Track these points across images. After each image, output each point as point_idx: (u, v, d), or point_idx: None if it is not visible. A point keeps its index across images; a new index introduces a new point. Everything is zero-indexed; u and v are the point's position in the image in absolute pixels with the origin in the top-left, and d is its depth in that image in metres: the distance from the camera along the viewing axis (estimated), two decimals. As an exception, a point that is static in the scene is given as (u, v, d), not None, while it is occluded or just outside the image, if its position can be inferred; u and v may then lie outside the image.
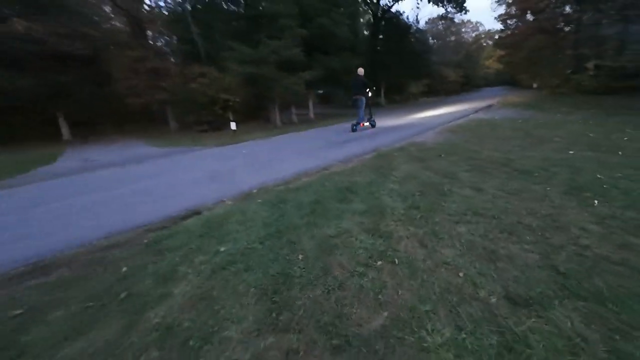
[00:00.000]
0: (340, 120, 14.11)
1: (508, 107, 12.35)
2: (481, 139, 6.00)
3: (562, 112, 9.76)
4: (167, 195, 4.14)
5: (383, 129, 8.98)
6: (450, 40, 52.88)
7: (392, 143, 6.48)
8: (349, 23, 13.34)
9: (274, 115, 14.73)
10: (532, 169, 3.80)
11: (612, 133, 5.78)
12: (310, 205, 3.10)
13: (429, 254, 2.05)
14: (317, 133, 10.10)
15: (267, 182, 4.25)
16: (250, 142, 9.21)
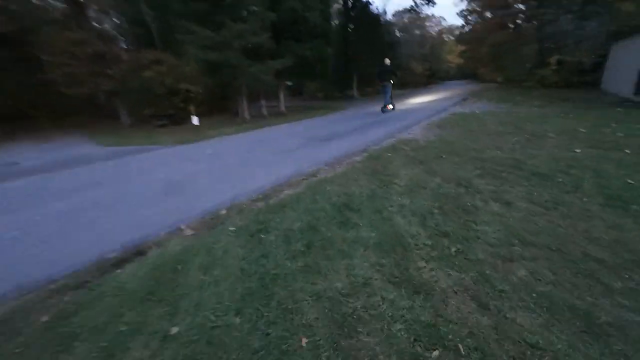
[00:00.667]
0: (316, 113, 13.25)
1: (483, 101, 12.35)
2: (475, 135, 5.55)
3: (536, 105, 9.81)
4: (101, 220, 3.05)
5: (368, 124, 8.32)
6: (416, 34, 53.85)
7: (380, 140, 5.83)
8: (321, 8, 12.37)
9: (242, 107, 13.45)
10: (549, 172, 3.33)
11: (599, 127, 5.62)
12: (303, 234, 2.29)
13: (498, 324, 1.37)
14: (292, 128, 9.18)
15: (240, 195, 3.35)
16: (217, 140, 8.06)
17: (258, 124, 10.74)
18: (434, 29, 60.07)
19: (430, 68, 48.21)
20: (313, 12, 11.80)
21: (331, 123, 9.24)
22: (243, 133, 8.93)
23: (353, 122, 8.80)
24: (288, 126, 9.74)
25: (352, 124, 8.50)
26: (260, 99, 14.71)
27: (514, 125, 6.31)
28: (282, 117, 13.03)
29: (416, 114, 9.39)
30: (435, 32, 58.92)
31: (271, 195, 3.25)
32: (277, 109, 15.31)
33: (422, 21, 54.41)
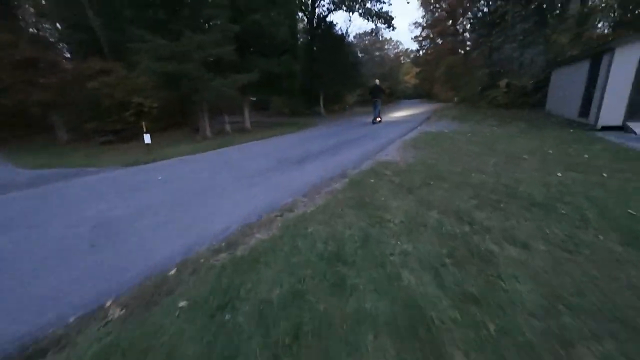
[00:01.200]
0: (284, 130, 12.69)
1: (445, 119, 12.80)
2: (452, 156, 5.39)
3: (494, 125, 10.30)
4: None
5: (341, 143, 7.93)
6: (376, 55, 56.90)
7: (357, 162, 5.42)
8: (288, 24, 12.10)
9: (203, 123, 12.43)
10: (547, 201, 3.09)
11: (563, 148, 5.80)
12: (286, 310, 1.65)
13: None
14: (260, 147, 8.48)
15: (197, 243, 2.60)
16: (172, 161, 7.07)
17: (221, 142, 9.85)
18: (392, 51, 63.92)
19: (390, 87, 51.22)
20: (280, 28, 11.45)
21: (302, 141, 8.73)
22: (203, 153, 8.02)
23: (325, 141, 8.38)
24: (255, 145, 9.01)
25: (324, 142, 8.07)
26: (224, 114, 13.81)
27: (486, 146, 6.32)
28: (248, 134, 12.26)
29: (387, 133, 9.29)
30: (393, 54, 62.77)
31: (238, 241, 2.55)
32: (242, 125, 14.48)
33: (381, 44, 57.70)
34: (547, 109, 13.09)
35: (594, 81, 8.28)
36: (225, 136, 12.45)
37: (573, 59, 10.27)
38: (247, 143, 9.55)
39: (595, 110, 7.87)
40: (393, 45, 64.16)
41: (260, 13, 10.76)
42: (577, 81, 9.36)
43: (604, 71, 7.62)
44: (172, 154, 7.94)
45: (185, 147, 9.47)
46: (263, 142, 9.62)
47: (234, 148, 8.60)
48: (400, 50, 63.14)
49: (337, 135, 9.54)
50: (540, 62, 16.55)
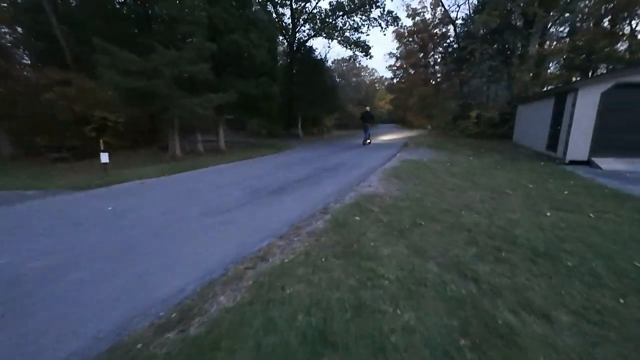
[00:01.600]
0: (260, 152, 12.18)
1: (422, 147, 13.02)
2: (437, 190, 5.17)
3: (469, 155, 10.53)
4: None
5: (321, 170, 7.55)
6: (353, 80, 59.24)
7: (339, 192, 5.03)
8: (268, 46, 11.97)
9: (172, 142, 11.61)
10: (548, 249, 2.83)
11: (542, 183, 5.83)
12: None
13: None
14: (233, 172, 7.88)
15: (135, 318, 1.97)
16: (131, 186, 6.26)
17: (190, 164, 9.11)
18: (368, 78, 66.95)
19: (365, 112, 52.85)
20: (259, 49, 11.26)
21: (278, 167, 8.26)
22: (169, 176, 7.26)
23: (304, 167, 7.98)
24: (228, 169, 8.39)
25: (303, 169, 7.65)
26: (197, 133, 13.07)
27: (467, 179, 6.23)
28: (221, 156, 11.58)
29: (368, 160, 9.11)
30: (369, 80, 65.71)
31: (194, 311, 1.97)
32: (216, 145, 13.78)
33: (358, 70, 60.37)
34: (514, 140, 13.81)
35: (559, 118, 8.76)
36: (196, 157, 11.67)
37: (538, 96, 10.98)
38: (220, 165, 8.90)
39: (563, 145, 8.25)
40: (369, 72, 67.22)
41: (238, 33, 10.51)
42: (543, 117, 9.91)
43: (569, 109, 8.07)
44: (133, 176, 7.09)
45: (150, 168, 8.62)
46: (236, 165, 9.02)
47: (204, 172, 7.92)
48: (375, 77, 66.32)
49: (316, 161, 9.20)
50: (506, 97, 17.78)
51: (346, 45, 25.96)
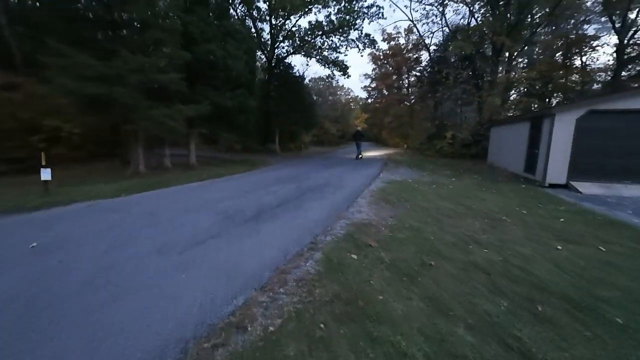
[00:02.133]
0: (235, 169, 11.32)
1: (402, 167, 12.90)
2: (433, 216, 4.74)
3: (450, 175, 10.50)
4: None
5: (303, 191, 6.91)
6: (329, 99, 60.39)
7: (327, 219, 4.42)
8: (245, 58, 11.43)
9: (136, 156, 10.43)
10: (583, 298, 2.40)
11: (532, 208, 5.63)
12: None
13: None
14: (203, 192, 7.01)
15: None
16: (75, 209, 5.20)
17: (155, 181, 8.08)
18: (344, 97, 68.65)
19: (342, 129, 54.78)
20: (236, 61, 10.67)
21: (256, 187, 7.50)
22: (127, 196, 6.24)
23: (283, 186, 7.30)
24: (197, 188, 7.48)
25: (282, 190, 6.96)
26: (165, 146, 11.96)
27: (458, 202, 5.92)
28: (191, 172, 10.58)
29: (351, 180, 8.63)
30: (345, 100, 67.35)
31: None
32: (186, 160, 12.70)
33: (334, 89, 61.72)
34: (489, 161, 14.18)
35: (536, 141, 8.96)
36: (163, 173, 10.56)
37: (513, 119, 11.35)
38: (188, 184, 7.96)
39: (542, 169, 8.35)
40: (345, 91, 69.03)
41: (215, 43, 9.90)
42: (519, 140, 10.16)
43: (547, 134, 8.25)
44: (82, 197, 5.98)
45: (107, 186, 7.48)
46: (208, 184, 8.13)
47: (169, 192, 6.96)
48: (351, 96, 68.23)
49: (296, 180, 8.57)
50: (475, 118, 18.56)
51: (324, 63, 26.19)
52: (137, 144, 10.27)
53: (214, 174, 9.82)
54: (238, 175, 10.05)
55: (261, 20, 20.61)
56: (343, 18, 21.48)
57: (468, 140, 17.63)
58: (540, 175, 8.50)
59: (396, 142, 40.23)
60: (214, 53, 9.90)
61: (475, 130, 17.95)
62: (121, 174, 10.36)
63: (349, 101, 66.80)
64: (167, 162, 11.78)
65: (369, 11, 22.33)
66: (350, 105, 66.00)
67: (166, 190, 7.13)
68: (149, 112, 8.54)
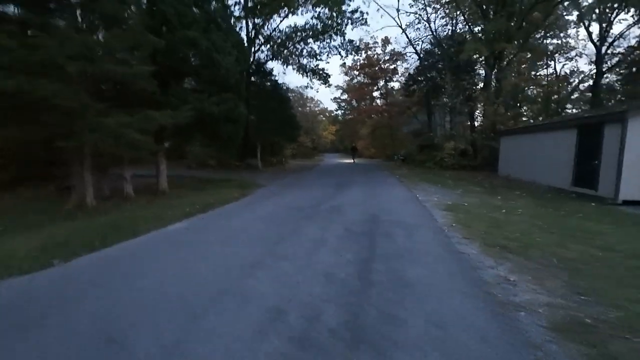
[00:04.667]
0: (222, 193, 8.64)
1: (419, 182, 11.21)
2: (591, 275, 2.82)
3: (486, 192, 8.99)
4: None
5: (359, 233, 4.63)
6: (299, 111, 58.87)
7: (492, 320, 2.26)
8: (236, 55, 9.01)
9: (81, 182, 7.35)
10: None
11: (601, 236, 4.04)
12: None
13: None
14: (199, 250, 4.42)
15: None
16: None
17: (111, 223, 5.24)
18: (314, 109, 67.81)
19: (314, 141, 53.73)
20: (225, 56, 8.25)
21: (278, 228, 5.05)
22: (59, 265, 3.46)
23: (322, 230, 4.93)
24: (186, 237, 4.81)
25: (326, 235, 4.61)
26: (124, 167, 8.88)
27: (590, 244, 4.12)
28: (165, 203, 7.73)
29: (396, 206, 6.52)
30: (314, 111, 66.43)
31: None
32: (155, 183, 9.69)
33: (305, 101, 60.46)
34: (502, 173, 13.09)
35: (590, 151, 7.76)
36: (122, 204, 7.59)
37: (541, 127, 10.25)
38: (168, 227, 5.26)
39: (611, 183, 7.06)
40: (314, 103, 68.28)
41: (196, 31, 7.43)
42: (560, 149, 8.97)
43: (613, 142, 7.02)
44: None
45: (23, 238, 4.52)
46: (198, 226, 5.49)
47: (139, 250, 4.24)
48: (320, 108, 67.63)
49: (325, 211, 6.27)
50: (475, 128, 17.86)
51: (303, 72, 24.35)
52: (84, 164, 7.23)
53: (199, 205, 7.12)
54: (233, 205, 7.46)
55: (239, 19, 18.22)
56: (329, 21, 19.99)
57: (469, 151, 16.71)
58: (607, 190, 7.19)
59: (371, 153, 39.43)
60: (196, 43, 7.40)
61: (474, 140, 17.14)
62: (58, 206, 7.22)
63: (318, 113, 66.02)
64: (127, 187, 8.72)
65: (353, 16, 21.20)
66: (319, 118, 65.22)
67: (133, 245, 4.40)
68: (101, 119, 5.75)
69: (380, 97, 37.17)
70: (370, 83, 37.06)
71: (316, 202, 7.37)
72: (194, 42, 7.43)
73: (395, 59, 33.09)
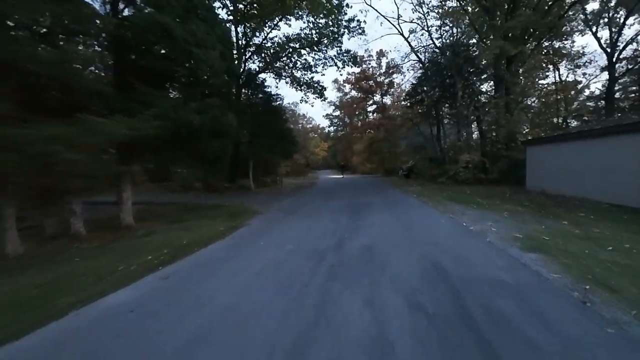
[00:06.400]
0: (206, 227, 6.54)
1: (443, 200, 9.37)
2: None
3: (535, 213, 7.19)
4: None
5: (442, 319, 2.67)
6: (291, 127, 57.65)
7: None
8: (221, 50, 7.20)
9: (2, 219, 5.19)
10: None
11: None
12: None
13: None
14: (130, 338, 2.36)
15: None
16: None
17: (10, 294, 3.11)
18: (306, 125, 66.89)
19: (306, 158, 52.53)
20: (208, 52, 6.42)
21: (263, 293, 3.02)
22: None
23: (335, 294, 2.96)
24: (98, 332, 2.72)
25: (338, 303, 2.65)
26: (72, 194, 6.67)
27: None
28: (120, 245, 5.56)
29: (450, 242, 4.56)
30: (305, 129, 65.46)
31: None
32: (117, 214, 7.51)
33: (296, 118, 59.44)
34: (532, 187, 11.42)
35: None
36: (63, 250, 5.39)
37: (594, 132, 8.63)
38: (90, 308, 3.15)
39: None
40: (306, 120, 67.41)
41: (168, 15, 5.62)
42: (626, 158, 7.33)
43: None
44: None
45: None
46: (141, 303, 3.40)
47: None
48: (312, 125, 66.74)
49: (353, 258, 4.28)
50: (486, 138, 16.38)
51: (297, 85, 22.87)
52: (3, 196, 5.07)
53: (169, 248, 5.01)
54: (218, 245, 5.37)
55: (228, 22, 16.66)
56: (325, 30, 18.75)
57: (486, 164, 15.10)
58: None
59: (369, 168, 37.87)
60: (169, 31, 5.55)
61: (488, 152, 15.59)
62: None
63: (310, 130, 65.09)
64: (76, 224, 6.52)
65: (350, 25, 20.09)
66: (311, 135, 64.28)
67: (25, 348, 2.28)
68: (22, 131, 3.74)
69: (376, 111, 36.05)
70: (364, 98, 36.05)
71: (335, 238, 5.36)
72: (166, 29, 5.59)
73: (391, 72, 32.38)
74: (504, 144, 14.71)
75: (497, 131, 14.58)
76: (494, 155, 15.07)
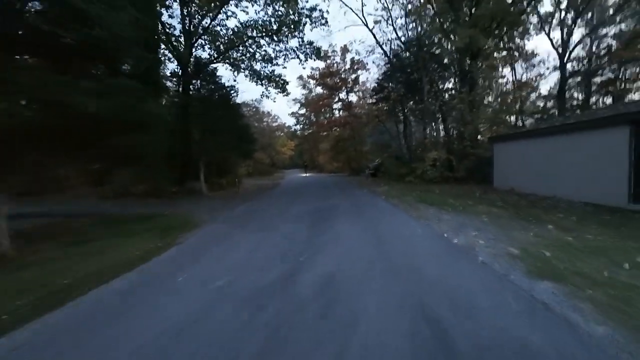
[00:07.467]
0: (121, 252, 4.77)
1: (420, 205, 8.46)
2: None
3: (514, 216, 6.49)
4: None
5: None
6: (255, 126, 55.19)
7: None
8: (139, 20, 5.40)
9: None
10: None
11: None
12: None
13: None
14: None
15: None
16: None
17: None
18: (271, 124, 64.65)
19: (271, 157, 50.83)
20: (110, 12, 4.65)
21: None
22: None
23: None
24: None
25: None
26: None
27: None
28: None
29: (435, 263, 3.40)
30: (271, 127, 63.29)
31: None
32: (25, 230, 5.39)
33: (260, 116, 56.95)
34: (500, 186, 11.07)
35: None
36: None
37: (565, 127, 8.21)
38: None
39: None
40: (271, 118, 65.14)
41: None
42: (602, 156, 6.90)
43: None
44: None
45: None
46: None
47: None
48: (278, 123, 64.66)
49: (295, 299, 2.94)
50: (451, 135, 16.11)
51: (257, 79, 21.05)
52: None
53: (40, 296, 3.27)
54: (115, 284, 3.71)
55: (166, 7, 14.45)
56: (285, 18, 17.23)
57: (452, 162, 14.73)
58: None
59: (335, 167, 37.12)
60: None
61: (454, 149, 15.27)
62: None
63: (276, 128, 63.05)
64: None
65: (312, 14, 18.78)
66: (277, 133, 62.33)
67: None
68: None
69: (342, 108, 35.25)
70: (329, 95, 35.05)
71: (287, 264, 3.98)
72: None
73: (356, 68, 31.71)
74: (469, 141, 14.45)
75: (464, 127, 14.23)
76: (461, 152, 14.77)
